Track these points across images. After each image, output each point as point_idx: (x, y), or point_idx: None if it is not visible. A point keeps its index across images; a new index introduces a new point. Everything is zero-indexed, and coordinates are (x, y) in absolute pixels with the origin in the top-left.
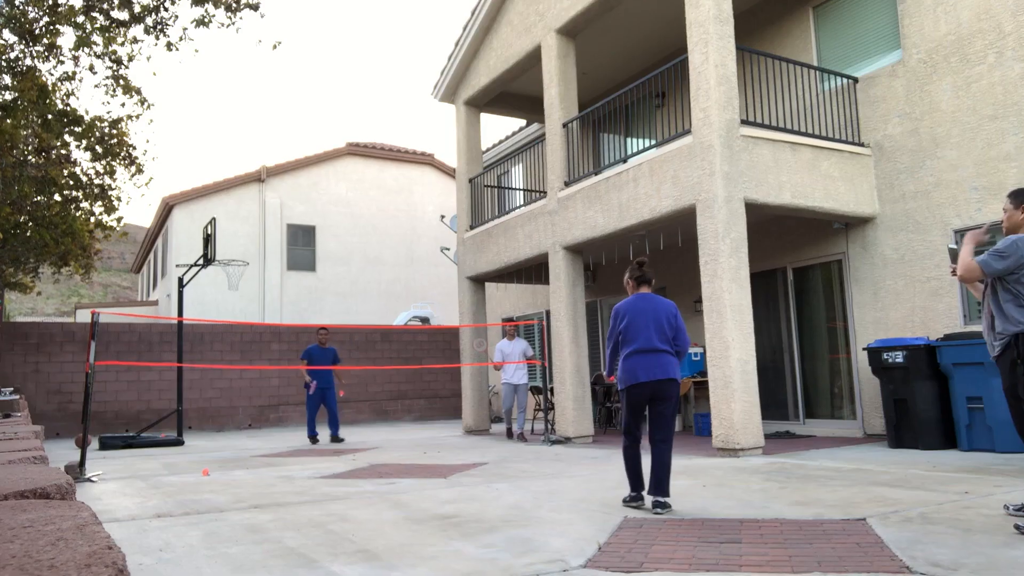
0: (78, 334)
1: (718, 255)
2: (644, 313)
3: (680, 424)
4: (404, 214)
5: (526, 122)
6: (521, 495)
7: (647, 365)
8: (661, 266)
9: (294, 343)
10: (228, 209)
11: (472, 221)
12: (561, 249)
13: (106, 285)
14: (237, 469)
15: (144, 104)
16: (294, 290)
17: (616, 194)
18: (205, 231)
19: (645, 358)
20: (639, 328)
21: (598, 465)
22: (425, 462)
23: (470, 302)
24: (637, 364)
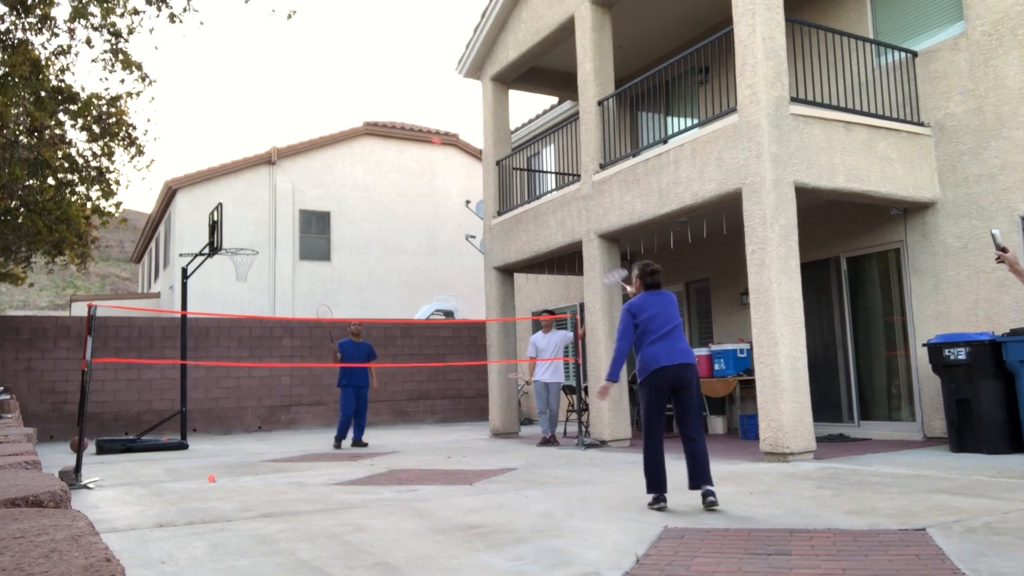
0: (74, 329)
1: (766, 243)
2: (660, 305)
3: (725, 426)
4: (426, 199)
5: (558, 100)
6: (553, 503)
7: (668, 350)
8: (703, 255)
9: (307, 338)
10: (236, 194)
11: (500, 207)
12: (596, 237)
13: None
14: (245, 475)
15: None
16: (307, 281)
17: (655, 177)
18: (211, 217)
19: (665, 344)
20: (659, 319)
21: (636, 471)
22: (449, 467)
23: (498, 294)
24: (659, 350)
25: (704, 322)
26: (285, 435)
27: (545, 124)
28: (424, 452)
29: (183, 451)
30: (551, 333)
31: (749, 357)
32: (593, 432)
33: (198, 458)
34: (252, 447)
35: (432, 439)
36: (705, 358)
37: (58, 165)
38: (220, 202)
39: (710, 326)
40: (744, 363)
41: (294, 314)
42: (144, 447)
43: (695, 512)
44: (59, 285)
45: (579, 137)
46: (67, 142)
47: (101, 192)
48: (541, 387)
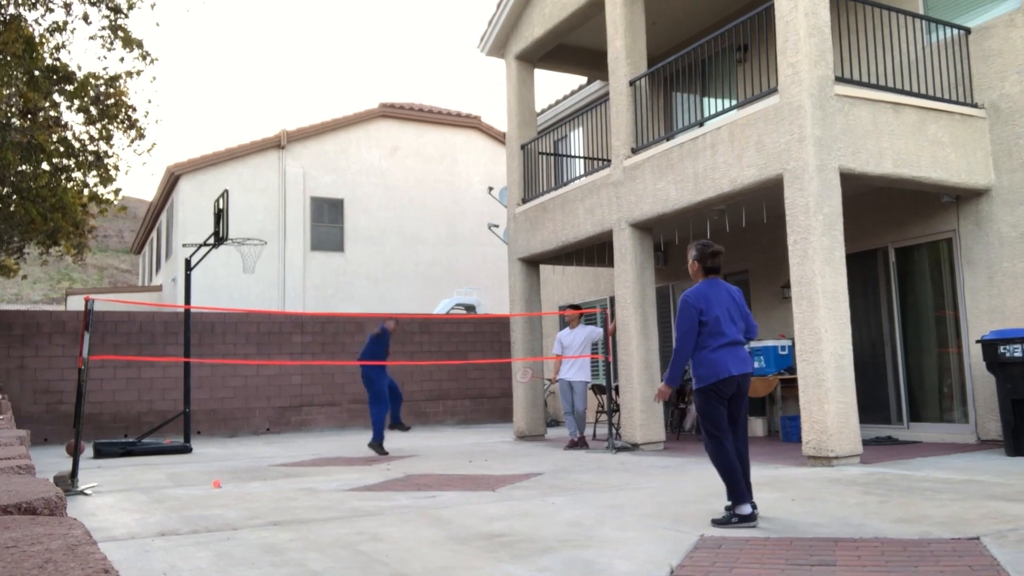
0: (69, 324)
1: (809, 233)
2: (724, 302)
3: (765, 428)
4: (446, 185)
5: (587, 80)
6: (581, 510)
7: (736, 358)
8: (743, 246)
9: (319, 334)
10: (243, 180)
11: (525, 194)
12: (627, 226)
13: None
14: (253, 480)
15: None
16: (319, 273)
17: (691, 163)
18: (216, 205)
19: (734, 350)
20: (724, 318)
21: (670, 476)
22: (470, 472)
23: (522, 287)
24: (727, 357)
25: None
26: (295, 438)
27: (573, 106)
28: (444, 456)
29: (186, 455)
30: (578, 329)
31: (791, 355)
32: (624, 435)
33: (202, 462)
34: (260, 451)
35: (452, 442)
36: None
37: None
38: (226, 189)
39: None
40: (786, 361)
41: (305, 308)
42: (145, 451)
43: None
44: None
45: (609, 119)
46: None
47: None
48: (565, 386)
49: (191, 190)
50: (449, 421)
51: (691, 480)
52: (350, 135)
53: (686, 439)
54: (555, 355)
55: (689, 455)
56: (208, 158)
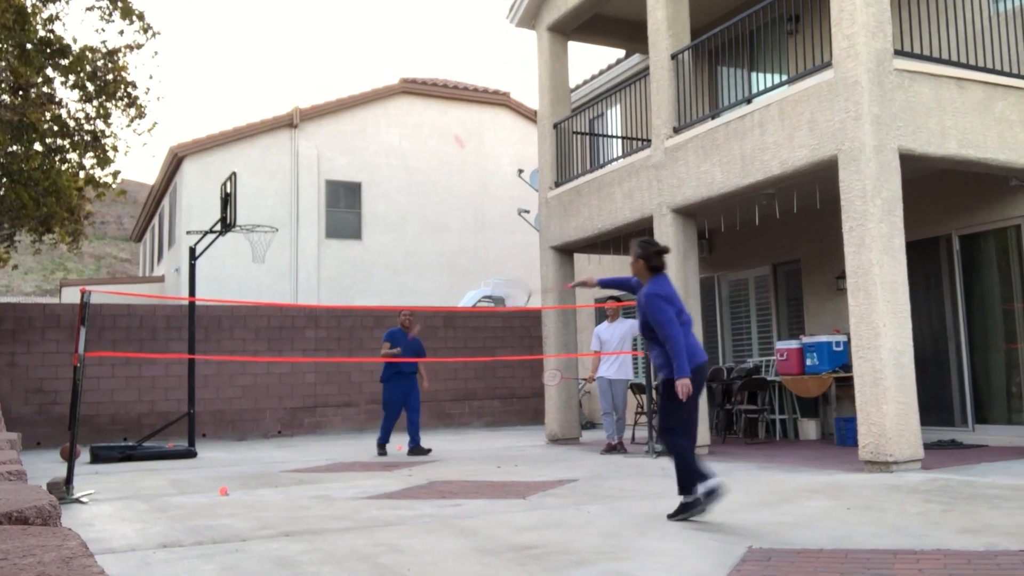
0: (64, 318)
1: (866, 219)
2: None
3: (818, 431)
4: (472, 168)
5: (625, 53)
6: (619, 520)
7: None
8: (794, 233)
9: (334, 329)
10: (252, 161)
11: (558, 177)
12: (669, 212)
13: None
14: (263, 487)
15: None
16: (334, 262)
17: (738, 143)
18: (223, 189)
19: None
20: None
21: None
22: (499, 478)
23: (556, 278)
24: (694, 343)
25: (794, 310)
26: (309, 441)
27: (610, 81)
28: (470, 461)
29: (191, 460)
30: (617, 323)
31: (846, 351)
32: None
33: (208, 468)
34: (271, 455)
35: (479, 445)
36: (795, 352)
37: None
38: (234, 171)
39: (801, 315)
40: (840, 358)
41: (319, 300)
42: (146, 455)
43: (782, 528)
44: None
45: (649, 96)
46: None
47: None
48: (605, 385)
49: (196, 173)
50: (475, 423)
51: (739, 486)
52: (368, 113)
53: (734, 442)
54: (592, 351)
55: (737, 459)
56: (214, 138)
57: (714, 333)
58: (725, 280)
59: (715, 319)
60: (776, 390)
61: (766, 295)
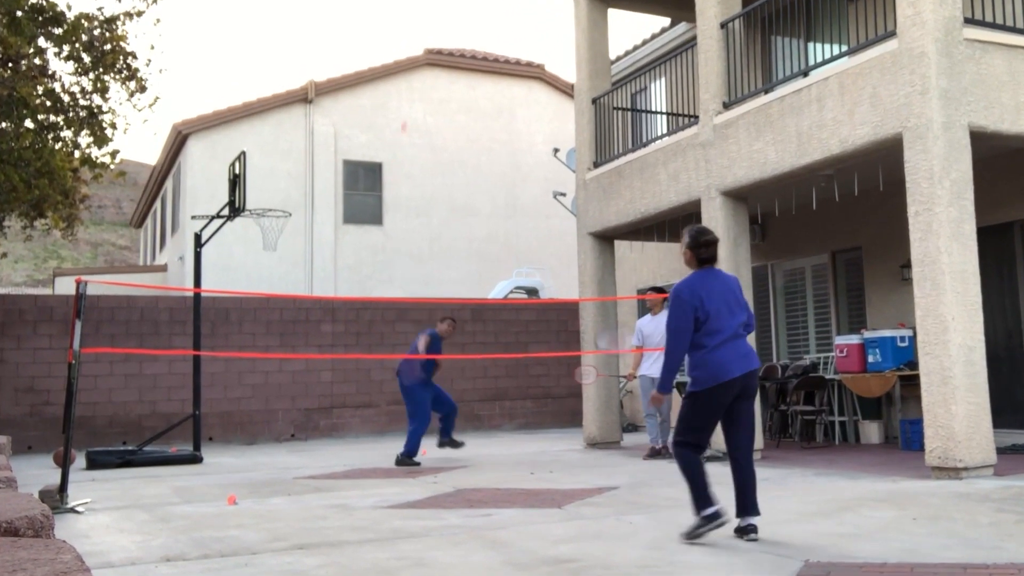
0: (58, 310)
1: (933, 203)
2: (721, 293)
3: (881, 434)
4: (504, 147)
5: (670, 21)
6: (663, 531)
7: (738, 355)
8: (854, 219)
9: (353, 323)
10: (263, 140)
11: (597, 156)
12: (718, 195)
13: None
14: (275, 496)
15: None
16: (352, 250)
17: (793, 119)
18: (231, 170)
19: (735, 346)
20: (721, 312)
21: (768, 490)
22: (532, 486)
23: (594, 267)
24: (728, 356)
25: (855, 302)
26: (325, 445)
27: (653, 52)
28: (501, 467)
29: (196, 465)
30: (660, 316)
31: (912, 347)
32: (714, 442)
33: (215, 474)
34: (283, 460)
35: (511, 450)
36: (856, 348)
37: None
38: (243, 150)
39: (862, 307)
40: (906, 354)
41: (336, 291)
42: (147, 460)
43: (841, 540)
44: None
45: (697, 69)
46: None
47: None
48: (648, 384)
49: (201, 152)
50: (507, 426)
51: (794, 495)
52: (390, 87)
53: (788, 447)
54: (634, 347)
55: (791, 465)
56: (222, 114)
57: (767, 327)
58: (779, 269)
59: (768, 312)
60: (835, 389)
61: (824, 286)
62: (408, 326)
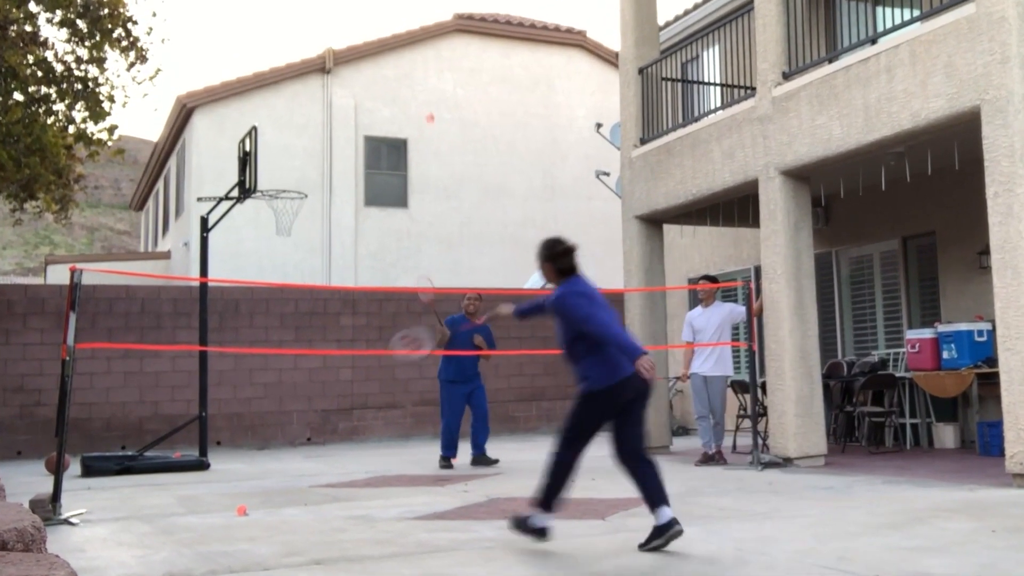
0: (50, 302)
1: (1014, 183)
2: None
3: (957, 438)
4: (541, 122)
5: None
6: (717, 544)
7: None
8: (927, 201)
9: (375, 315)
10: (276, 114)
11: (644, 132)
12: (777, 174)
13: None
14: (289, 506)
15: None
16: (375, 235)
17: (860, 91)
18: (241, 147)
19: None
20: (611, 313)
21: (833, 500)
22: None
23: (641, 253)
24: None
25: (928, 293)
26: (344, 450)
27: (706, 17)
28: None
29: (202, 472)
30: (713, 308)
31: (991, 342)
32: (773, 446)
33: (223, 482)
34: (298, 467)
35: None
36: (929, 343)
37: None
38: (254, 126)
39: (936, 298)
40: (984, 350)
41: (357, 281)
42: (148, 467)
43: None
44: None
45: (754, 35)
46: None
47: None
48: (699, 383)
49: (208, 127)
50: (544, 428)
51: (861, 506)
52: (416, 56)
53: (855, 451)
54: (685, 342)
55: (858, 472)
56: (231, 86)
57: (831, 319)
58: (845, 256)
59: (832, 303)
60: (906, 389)
61: (894, 274)
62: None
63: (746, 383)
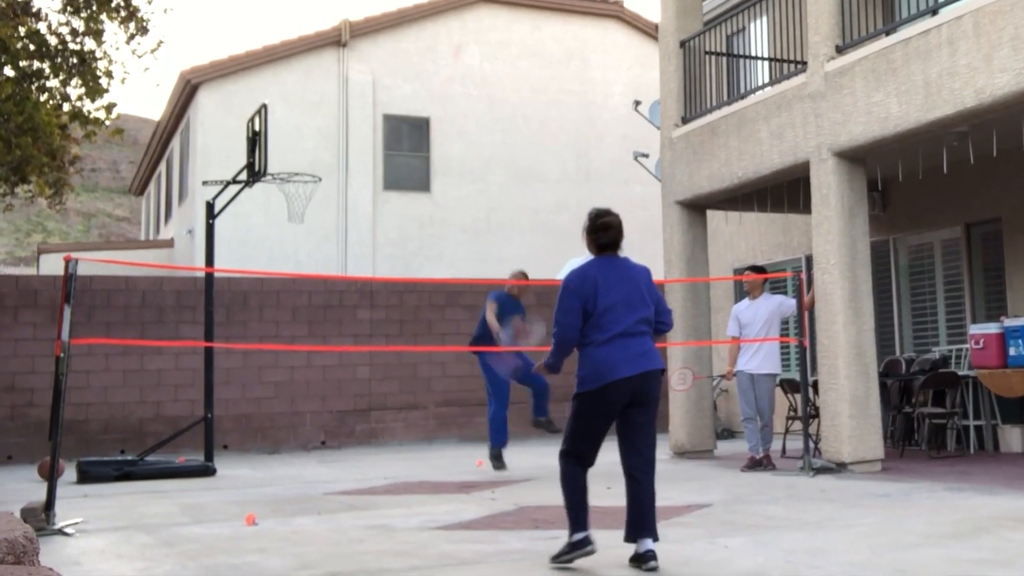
0: (43, 294)
1: None
2: (619, 284)
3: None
4: (575, 99)
5: None
6: (765, 556)
7: (629, 354)
8: (993, 185)
9: (395, 308)
10: (288, 91)
11: (685, 111)
12: (830, 155)
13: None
14: (302, 515)
15: None
16: (394, 222)
17: (920, 66)
18: (250, 127)
19: (626, 344)
20: (617, 306)
21: (891, 508)
22: (608, 503)
23: (682, 242)
24: (617, 354)
25: (993, 284)
26: (361, 454)
27: None
28: None
29: (208, 478)
30: (760, 300)
31: None
32: (825, 450)
33: (231, 489)
34: (312, 472)
35: None
36: (995, 338)
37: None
38: (264, 103)
39: (1002, 290)
40: None
41: (375, 271)
42: (149, 473)
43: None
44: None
45: (805, 5)
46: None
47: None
48: (746, 382)
49: (215, 105)
50: None
51: (921, 514)
52: (439, 27)
53: (913, 456)
54: (730, 338)
55: (918, 478)
56: (239, 60)
57: (888, 314)
58: (903, 244)
59: (890, 295)
60: (969, 388)
61: (957, 264)
62: (460, 312)
63: (796, 382)
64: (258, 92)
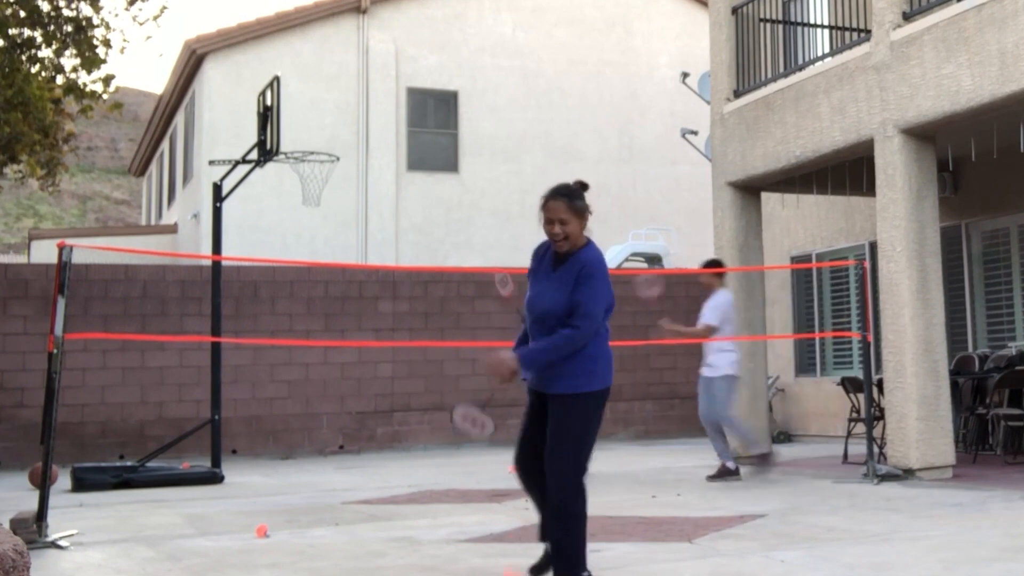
0: (35, 284)
1: None
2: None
3: None
4: (617, 71)
5: None
6: (826, 571)
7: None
8: None
9: (420, 300)
10: (302, 62)
11: (738, 84)
12: (896, 133)
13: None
14: (318, 526)
15: None
16: (419, 205)
17: (995, 35)
18: (261, 101)
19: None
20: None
21: (963, 518)
22: (653, 512)
23: (734, 227)
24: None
25: None
26: (383, 460)
27: None
28: (613, 487)
29: (215, 486)
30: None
31: None
32: (892, 455)
33: (240, 498)
34: (329, 479)
35: (626, 466)
36: None
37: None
38: (277, 75)
39: None
40: None
41: (398, 259)
42: (151, 480)
43: None
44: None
45: None
46: None
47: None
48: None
49: (223, 78)
50: (620, 434)
51: (996, 525)
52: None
53: (988, 461)
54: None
55: (992, 485)
56: (248, 28)
57: (960, 306)
58: (976, 230)
59: (962, 286)
60: None
61: None
62: (491, 304)
63: (859, 380)
64: (270, 63)
